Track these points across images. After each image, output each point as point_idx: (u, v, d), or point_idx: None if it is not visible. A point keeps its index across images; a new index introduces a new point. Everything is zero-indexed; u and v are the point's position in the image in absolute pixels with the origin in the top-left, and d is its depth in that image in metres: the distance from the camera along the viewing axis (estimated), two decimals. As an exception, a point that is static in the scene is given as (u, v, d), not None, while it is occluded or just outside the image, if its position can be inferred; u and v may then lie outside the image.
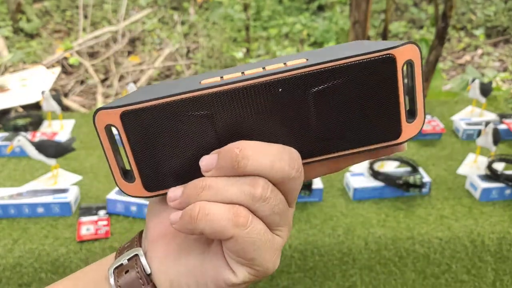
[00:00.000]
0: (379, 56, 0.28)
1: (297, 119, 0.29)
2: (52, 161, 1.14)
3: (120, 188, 0.32)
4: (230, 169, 0.28)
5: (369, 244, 1.01)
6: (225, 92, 0.28)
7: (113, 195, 1.08)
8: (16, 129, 1.42)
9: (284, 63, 0.29)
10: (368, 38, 1.98)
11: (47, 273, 0.97)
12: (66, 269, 0.97)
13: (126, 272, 0.33)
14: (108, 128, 0.30)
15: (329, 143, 0.30)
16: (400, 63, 0.28)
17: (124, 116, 0.29)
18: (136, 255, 0.34)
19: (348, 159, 0.32)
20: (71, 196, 1.08)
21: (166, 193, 0.31)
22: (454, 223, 1.05)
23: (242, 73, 0.29)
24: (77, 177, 1.21)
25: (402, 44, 0.28)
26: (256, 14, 3.93)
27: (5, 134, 1.38)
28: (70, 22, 3.95)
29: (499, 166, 1.21)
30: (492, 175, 1.14)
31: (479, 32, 3.74)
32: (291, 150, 0.29)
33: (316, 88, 0.28)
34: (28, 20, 3.73)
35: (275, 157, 0.28)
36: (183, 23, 3.78)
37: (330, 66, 0.28)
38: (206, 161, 0.29)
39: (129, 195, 0.32)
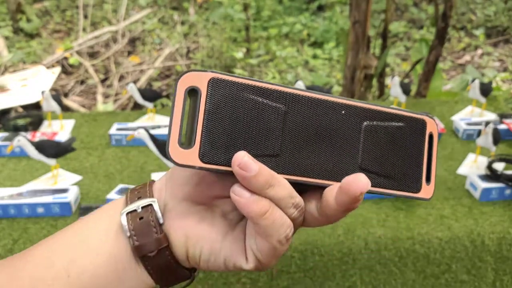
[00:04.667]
0: (417, 117, 0.35)
1: (345, 143, 0.34)
2: (52, 161, 1.14)
3: (170, 155, 0.31)
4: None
5: (369, 244, 1.01)
6: (304, 97, 0.32)
7: (113, 195, 1.08)
8: (16, 129, 1.42)
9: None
10: (368, 38, 1.98)
11: (47, 273, 0.97)
12: (66, 269, 0.97)
13: (141, 218, 0.35)
14: (188, 92, 0.31)
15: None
16: (428, 130, 0.35)
17: (212, 82, 0.30)
18: (151, 205, 0.36)
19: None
20: (71, 196, 1.08)
21: (216, 170, 0.32)
22: (454, 223, 1.05)
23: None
24: (77, 177, 1.21)
25: (428, 116, 0.35)
26: (256, 14, 3.92)
27: (5, 134, 1.38)
28: (70, 22, 3.95)
29: (499, 166, 1.21)
30: (492, 175, 1.14)
31: (479, 32, 3.74)
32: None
33: (368, 123, 0.34)
34: (28, 20, 3.73)
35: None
36: (183, 23, 3.77)
37: (383, 110, 0.34)
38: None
39: (177, 164, 0.31)
